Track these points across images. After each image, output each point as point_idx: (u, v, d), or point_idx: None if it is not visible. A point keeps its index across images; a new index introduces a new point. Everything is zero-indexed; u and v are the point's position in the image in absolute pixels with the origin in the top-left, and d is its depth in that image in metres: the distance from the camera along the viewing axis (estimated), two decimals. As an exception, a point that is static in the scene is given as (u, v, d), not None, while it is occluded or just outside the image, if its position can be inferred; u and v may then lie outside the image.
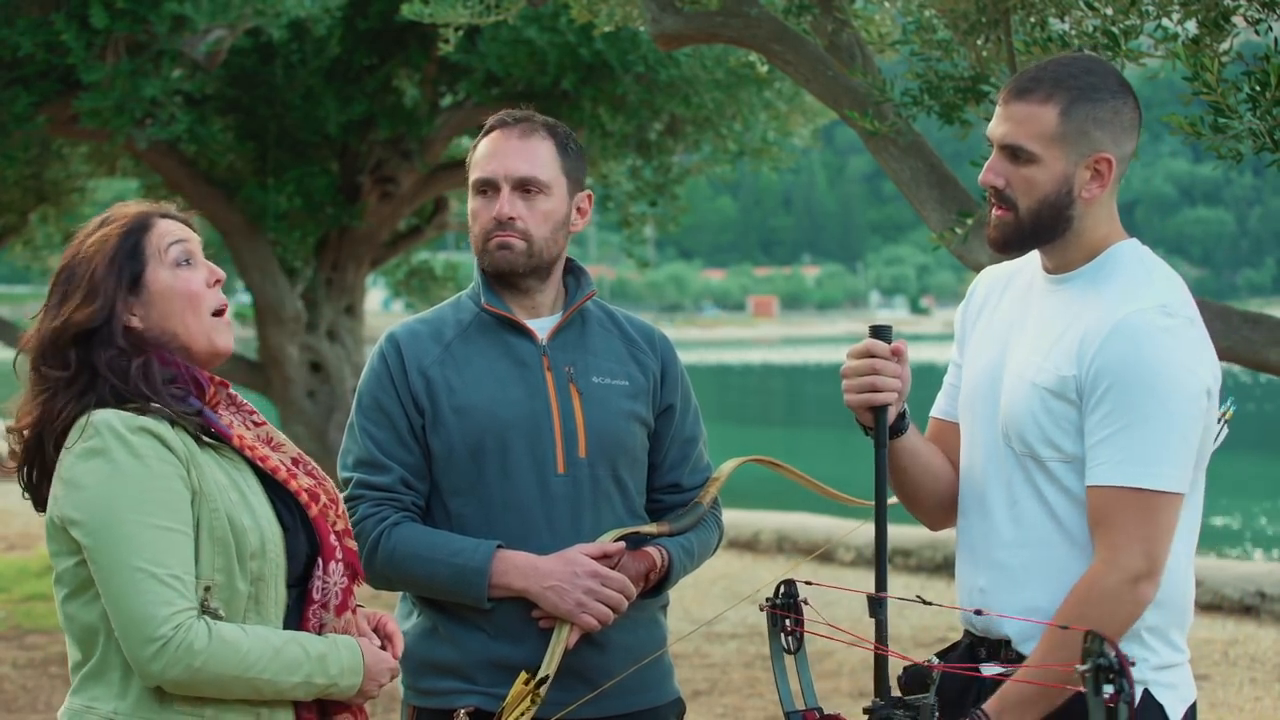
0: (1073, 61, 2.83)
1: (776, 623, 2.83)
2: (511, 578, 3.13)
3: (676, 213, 10.29)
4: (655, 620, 3.33)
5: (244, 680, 2.60)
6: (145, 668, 2.57)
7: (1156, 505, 2.64)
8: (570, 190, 3.30)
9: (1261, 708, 7.43)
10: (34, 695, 7.76)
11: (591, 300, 3.36)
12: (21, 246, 12.14)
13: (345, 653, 2.70)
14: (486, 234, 3.24)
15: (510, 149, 3.25)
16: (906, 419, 2.92)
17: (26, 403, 2.70)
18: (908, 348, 2.86)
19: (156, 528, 2.57)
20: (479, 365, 3.24)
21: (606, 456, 3.23)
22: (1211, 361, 2.72)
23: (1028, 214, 2.77)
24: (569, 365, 3.25)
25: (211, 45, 8.47)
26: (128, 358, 2.66)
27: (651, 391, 3.31)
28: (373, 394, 3.25)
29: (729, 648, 8.59)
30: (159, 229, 2.74)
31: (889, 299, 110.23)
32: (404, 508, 3.20)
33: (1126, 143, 2.77)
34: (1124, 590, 2.63)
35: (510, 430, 3.19)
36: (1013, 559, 2.80)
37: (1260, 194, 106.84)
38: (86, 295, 2.67)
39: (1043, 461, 2.75)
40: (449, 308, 3.36)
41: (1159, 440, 2.63)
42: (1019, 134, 2.75)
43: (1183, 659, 2.81)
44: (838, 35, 4.58)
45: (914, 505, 3.03)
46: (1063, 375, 2.71)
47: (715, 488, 3.32)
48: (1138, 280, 2.73)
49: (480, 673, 3.18)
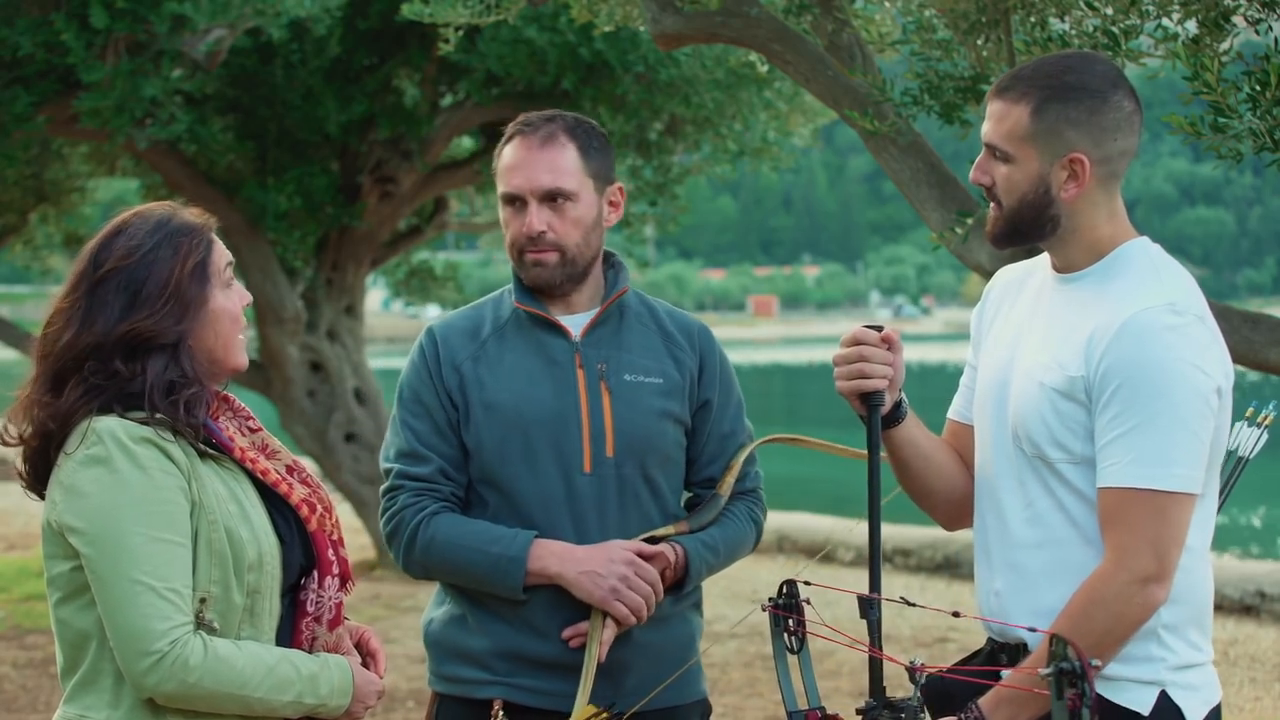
0: (1058, 59, 2.79)
1: (779, 623, 2.82)
2: (548, 563, 3.14)
3: (676, 213, 10.29)
4: (684, 618, 3.32)
5: (237, 698, 2.61)
6: (139, 680, 2.57)
7: (1167, 506, 2.60)
8: (599, 189, 3.28)
9: (1261, 708, 7.42)
10: (34, 695, 7.76)
11: (632, 293, 3.34)
12: (21, 246, 12.13)
13: (336, 673, 2.73)
14: (519, 248, 3.25)
15: (533, 160, 3.23)
16: (903, 408, 2.91)
17: (37, 397, 2.67)
18: (899, 336, 2.85)
19: (157, 540, 2.57)
20: (511, 362, 3.24)
21: (635, 456, 3.22)
22: (1222, 359, 2.69)
23: (1010, 212, 2.76)
24: (602, 362, 3.25)
25: (211, 45, 8.47)
26: (182, 374, 2.65)
27: (688, 388, 3.29)
28: (412, 387, 3.28)
29: (729, 648, 8.58)
30: (218, 248, 2.76)
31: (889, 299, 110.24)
32: (443, 498, 3.22)
33: (1107, 143, 2.71)
34: (1132, 591, 2.60)
35: (536, 428, 3.19)
36: (1029, 561, 2.77)
37: (1260, 194, 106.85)
38: (164, 308, 2.65)
39: (1052, 463, 2.73)
40: (490, 303, 3.36)
41: (1169, 440, 2.60)
42: (995, 132, 2.75)
43: (1204, 659, 2.75)
44: (838, 35, 4.58)
45: (924, 503, 3.01)
46: (1071, 376, 2.68)
47: (731, 476, 3.31)
48: (1145, 279, 2.70)
49: (500, 662, 3.19)
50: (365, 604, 9.40)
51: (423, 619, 3.37)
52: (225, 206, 9.76)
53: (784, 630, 2.82)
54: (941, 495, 2.98)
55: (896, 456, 2.93)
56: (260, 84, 9.58)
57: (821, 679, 7.91)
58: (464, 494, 3.25)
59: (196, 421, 2.67)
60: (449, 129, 10.11)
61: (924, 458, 2.96)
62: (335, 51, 9.42)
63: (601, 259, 3.33)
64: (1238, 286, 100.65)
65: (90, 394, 2.63)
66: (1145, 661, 2.69)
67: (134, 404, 2.64)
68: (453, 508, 3.22)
